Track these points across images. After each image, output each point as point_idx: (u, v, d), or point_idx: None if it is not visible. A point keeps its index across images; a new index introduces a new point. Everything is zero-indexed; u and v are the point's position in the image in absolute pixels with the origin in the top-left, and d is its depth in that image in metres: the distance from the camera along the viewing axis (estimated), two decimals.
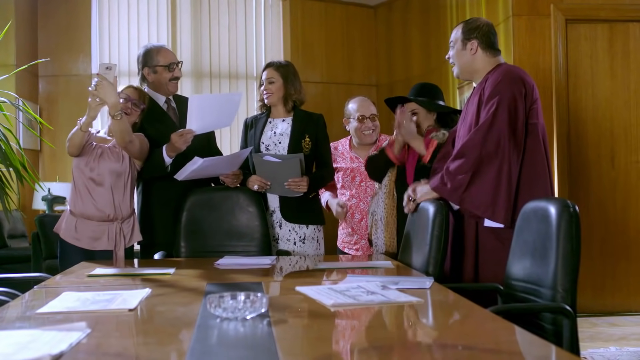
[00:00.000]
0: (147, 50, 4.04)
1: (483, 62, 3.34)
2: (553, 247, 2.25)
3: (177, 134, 3.72)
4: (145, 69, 4.00)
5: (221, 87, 7.58)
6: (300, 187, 3.89)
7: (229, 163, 3.87)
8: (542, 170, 3.13)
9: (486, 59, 3.34)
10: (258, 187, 3.94)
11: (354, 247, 4.35)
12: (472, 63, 3.36)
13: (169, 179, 3.86)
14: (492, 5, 6.10)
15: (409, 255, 3.27)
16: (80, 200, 3.63)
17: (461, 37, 3.38)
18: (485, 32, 3.34)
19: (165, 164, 3.79)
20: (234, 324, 1.78)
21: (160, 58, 3.99)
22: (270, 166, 3.85)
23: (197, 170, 3.71)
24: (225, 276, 2.91)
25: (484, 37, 3.34)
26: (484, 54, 3.34)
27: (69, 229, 3.63)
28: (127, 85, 3.82)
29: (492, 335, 1.72)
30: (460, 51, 3.39)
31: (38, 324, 1.88)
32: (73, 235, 3.62)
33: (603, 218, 5.82)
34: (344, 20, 7.96)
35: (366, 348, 1.65)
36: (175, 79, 4.02)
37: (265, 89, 4.05)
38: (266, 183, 3.92)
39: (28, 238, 6.69)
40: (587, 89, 5.84)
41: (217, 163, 3.80)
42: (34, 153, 6.90)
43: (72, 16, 7.19)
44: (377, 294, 2.14)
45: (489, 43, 3.34)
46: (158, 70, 3.97)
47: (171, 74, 3.98)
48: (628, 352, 4.51)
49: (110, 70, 3.36)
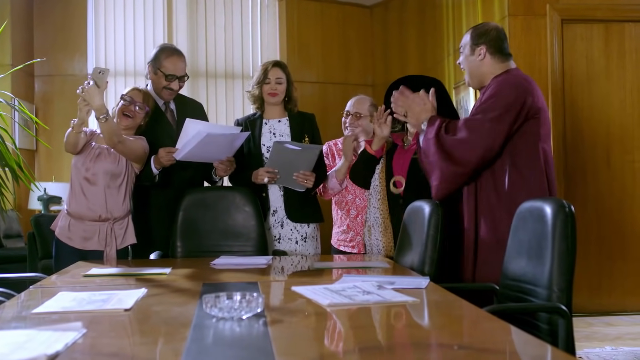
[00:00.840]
0: (161, 48, 4.01)
1: (491, 67, 3.32)
2: (549, 247, 2.25)
3: (164, 150, 3.71)
4: (149, 65, 3.98)
5: (217, 86, 7.58)
6: (308, 182, 3.91)
7: (227, 143, 3.80)
8: (536, 183, 3.14)
9: (495, 64, 3.32)
10: (268, 179, 3.93)
11: (349, 245, 4.34)
12: (480, 68, 3.35)
13: (165, 180, 3.85)
14: (488, 5, 6.11)
15: (405, 255, 3.27)
16: (74, 200, 3.63)
17: (470, 42, 3.37)
18: (493, 37, 3.33)
19: (153, 173, 3.78)
20: (230, 324, 1.78)
21: (166, 64, 3.93)
22: (288, 154, 3.84)
23: (199, 148, 3.65)
24: (221, 276, 2.91)
25: (492, 41, 3.32)
26: (492, 60, 3.32)
27: (63, 228, 3.63)
28: (132, 88, 3.80)
29: (487, 335, 1.72)
30: (469, 56, 3.38)
31: (34, 323, 1.87)
32: (66, 234, 3.61)
33: (599, 218, 5.83)
34: (340, 20, 7.97)
35: (362, 348, 1.65)
36: (170, 90, 3.97)
37: (274, 89, 4.06)
38: (276, 173, 3.92)
39: (24, 238, 6.68)
40: (583, 89, 5.85)
41: (218, 141, 3.71)
42: (30, 153, 6.89)
43: (68, 16, 7.19)
44: (373, 294, 2.14)
45: (498, 48, 3.32)
46: (158, 74, 3.95)
47: (167, 83, 3.95)
48: (624, 351, 4.52)
49: (102, 75, 3.39)
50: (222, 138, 3.72)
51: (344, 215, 4.35)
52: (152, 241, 3.91)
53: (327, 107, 7.02)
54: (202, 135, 3.57)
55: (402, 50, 7.75)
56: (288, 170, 3.90)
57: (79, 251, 3.59)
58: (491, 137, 3.10)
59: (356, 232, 4.29)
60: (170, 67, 3.94)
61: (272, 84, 4.06)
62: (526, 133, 3.15)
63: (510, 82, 3.19)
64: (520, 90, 3.15)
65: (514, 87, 3.16)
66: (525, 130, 3.15)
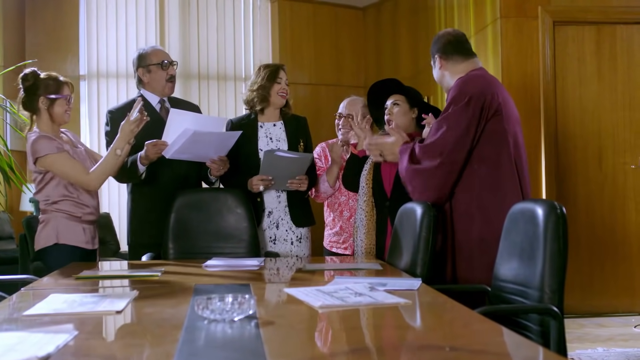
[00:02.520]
0: (140, 52, 4.03)
1: (452, 71, 3.33)
2: (540, 248, 2.26)
3: (150, 143, 3.69)
4: (139, 70, 3.98)
5: (209, 88, 7.57)
6: (302, 186, 3.94)
7: (219, 142, 3.80)
8: (510, 177, 3.13)
9: (453, 67, 3.33)
10: (264, 187, 3.95)
11: (342, 246, 4.35)
12: (443, 77, 3.39)
13: (157, 181, 3.85)
14: (479, 7, 6.12)
15: (397, 256, 3.28)
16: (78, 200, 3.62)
17: (431, 56, 3.42)
18: (443, 43, 3.35)
19: (139, 172, 3.76)
20: (222, 326, 1.78)
21: (152, 57, 3.96)
22: (280, 162, 3.84)
23: (187, 146, 3.65)
24: (213, 278, 2.91)
25: (443, 47, 3.34)
26: (449, 64, 3.34)
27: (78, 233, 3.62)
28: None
29: (479, 337, 1.73)
30: (434, 70, 3.43)
31: (25, 326, 1.87)
32: (82, 238, 3.62)
33: (590, 219, 5.85)
34: (333, 22, 7.98)
35: (354, 350, 1.65)
36: (172, 79, 3.99)
37: (284, 89, 4.08)
38: (270, 181, 3.93)
39: (15, 240, 6.65)
40: (575, 91, 5.87)
41: (208, 139, 3.71)
42: (22, 154, 6.85)
43: (60, 17, 7.17)
44: (365, 296, 2.14)
45: (450, 51, 3.33)
46: (152, 70, 3.95)
47: (166, 73, 3.95)
48: (615, 352, 4.54)
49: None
50: (211, 136, 3.72)
51: (336, 217, 4.36)
52: (143, 240, 3.91)
53: (319, 108, 7.03)
54: (188, 134, 3.57)
55: (394, 51, 7.76)
56: (281, 177, 3.91)
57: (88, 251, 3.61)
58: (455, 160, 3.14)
59: (349, 233, 4.30)
60: (158, 55, 3.98)
61: (283, 84, 4.07)
62: (490, 132, 3.13)
63: (462, 90, 3.17)
64: (475, 93, 3.13)
65: (467, 94, 3.14)
66: (489, 130, 3.13)
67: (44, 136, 3.44)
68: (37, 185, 3.52)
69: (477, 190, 3.14)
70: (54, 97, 3.48)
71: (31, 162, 3.47)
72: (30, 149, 3.43)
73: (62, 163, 3.45)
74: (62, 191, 3.51)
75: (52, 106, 3.50)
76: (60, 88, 3.53)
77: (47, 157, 3.41)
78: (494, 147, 3.13)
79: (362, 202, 3.95)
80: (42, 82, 3.49)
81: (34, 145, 3.42)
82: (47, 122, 3.51)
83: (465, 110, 3.10)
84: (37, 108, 3.50)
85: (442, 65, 3.35)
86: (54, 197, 3.50)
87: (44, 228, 3.53)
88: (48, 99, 3.48)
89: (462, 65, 3.32)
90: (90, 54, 7.28)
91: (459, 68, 3.32)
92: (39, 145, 3.41)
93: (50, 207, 3.52)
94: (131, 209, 3.98)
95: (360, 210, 3.96)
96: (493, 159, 3.13)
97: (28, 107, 3.52)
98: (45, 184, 3.49)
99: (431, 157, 3.15)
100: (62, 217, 3.52)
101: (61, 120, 3.55)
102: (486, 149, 3.13)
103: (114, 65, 7.22)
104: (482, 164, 3.14)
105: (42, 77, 3.51)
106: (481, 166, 3.14)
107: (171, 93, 4.06)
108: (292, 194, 4.02)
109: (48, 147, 3.41)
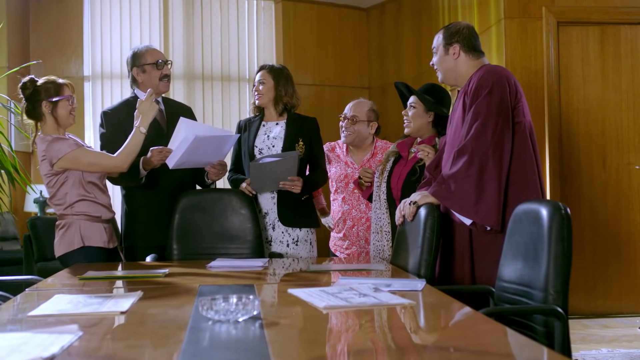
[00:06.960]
0: (134, 51, 4.02)
1: (466, 65, 3.33)
2: (545, 249, 2.26)
3: (156, 149, 3.69)
4: (134, 70, 3.97)
5: (213, 89, 7.57)
6: (295, 188, 3.89)
7: (218, 146, 3.80)
8: (531, 170, 3.11)
9: (469, 62, 3.33)
10: (248, 193, 3.98)
11: (345, 252, 4.36)
12: (456, 67, 3.36)
13: (153, 184, 3.84)
14: (484, 8, 6.12)
15: (401, 257, 3.27)
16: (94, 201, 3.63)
17: (443, 42, 3.38)
18: (466, 35, 3.34)
19: (140, 175, 3.76)
20: (226, 327, 1.78)
21: (147, 57, 3.95)
22: (266, 168, 3.84)
23: (189, 152, 3.65)
24: (218, 278, 2.91)
25: (465, 40, 3.33)
26: (467, 57, 3.33)
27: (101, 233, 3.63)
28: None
29: (483, 337, 1.73)
30: (443, 56, 3.38)
31: (30, 326, 1.87)
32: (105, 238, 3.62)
33: (595, 220, 5.84)
34: (337, 23, 7.97)
35: (358, 350, 1.65)
36: (166, 77, 3.98)
37: (256, 90, 4.08)
38: (251, 192, 3.96)
39: (20, 240, 6.67)
40: (579, 92, 5.87)
41: (207, 143, 3.71)
42: (26, 155, 6.88)
43: (64, 18, 7.18)
44: (369, 296, 2.14)
45: (471, 46, 3.33)
46: (147, 69, 3.94)
47: (160, 72, 3.94)
48: (620, 353, 4.53)
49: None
50: (210, 140, 3.72)
51: (341, 224, 4.36)
52: (139, 242, 3.91)
53: (323, 109, 7.03)
54: (190, 140, 3.57)
55: (398, 52, 7.75)
56: (272, 179, 3.89)
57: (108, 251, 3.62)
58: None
59: (352, 241, 4.31)
60: (154, 55, 3.98)
61: (256, 86, 4.08)
62: (514, 124, 3.10)
63: (491, 73, 3.17)
64: (502, 78, 3.14)
65: (497, 75, 3.15)
66: (513, 121, 3.11)
67: (56, 138, 3.43)
68: (51, 189, 3.50)
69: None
70: (55, 100, 3.48)
71: (44, 167, 3.45)
72: (45, 153, 3.40)
73: (85, 155, 3.47)
74: (79, 191, 3.49)
75: (56, 109, 3.49)
76: (61, 89, 3.52)
77: (67, 155, 3.40)
78: (518, 139, 3.12)
79: (375, 207, 3.93)
80: (42, 87, 3.49)
81: (50, 150, 3.40)
82: (53, 127, 3.50)
83: (502, 89, 3.09)
84: (42, 113, 3.48)
85: (460, 55, 3.34)
86: (71, 199, 3.48)
87: (66, 232, 3.50)
88: (50, 102, 3.47)
89: (477, 60, 3.34)
90: (95, 55, 7.29)
91: (475, 63, 3.33)
92: (55, 148, 3.40)
93: (69, 211, 3.49)
94: (126, 212, 3.97)
95: (374, 213, 3.95)
96: (517, 151, 3.11)
97: (32, 115, 3.50)
98: (61, 185, 3.47)
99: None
100: (84, 220, 3.50)
101: (66, 123, 3.54)
102: (514, 149, 3.11)
103: (118, 66, 7.22)
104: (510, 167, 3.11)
105: (41, 83, 3.50)
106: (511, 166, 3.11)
107: (165, 91, 4.05)
108: (283, 193, 3.99)
109: (65, 147, 3.41)
